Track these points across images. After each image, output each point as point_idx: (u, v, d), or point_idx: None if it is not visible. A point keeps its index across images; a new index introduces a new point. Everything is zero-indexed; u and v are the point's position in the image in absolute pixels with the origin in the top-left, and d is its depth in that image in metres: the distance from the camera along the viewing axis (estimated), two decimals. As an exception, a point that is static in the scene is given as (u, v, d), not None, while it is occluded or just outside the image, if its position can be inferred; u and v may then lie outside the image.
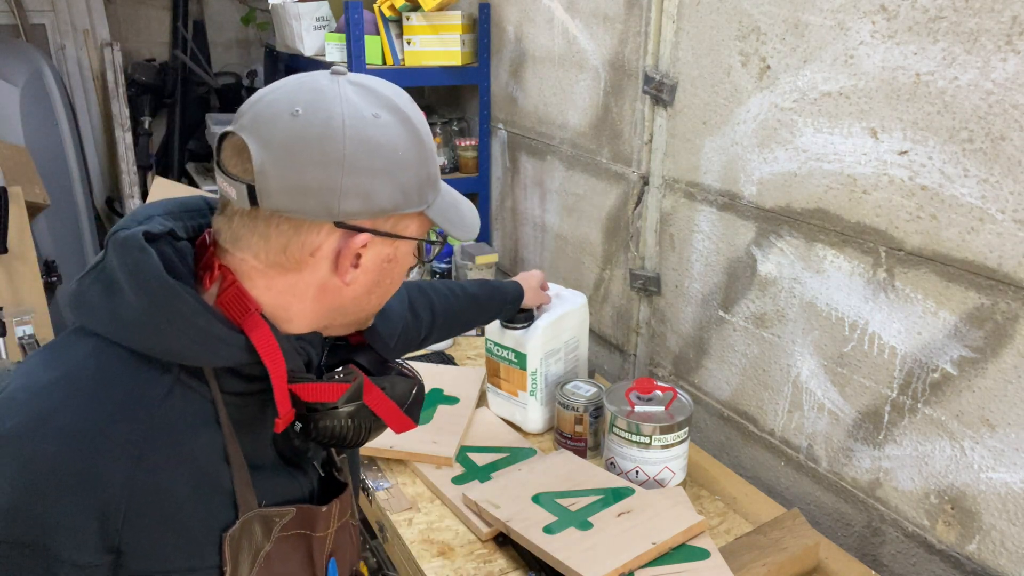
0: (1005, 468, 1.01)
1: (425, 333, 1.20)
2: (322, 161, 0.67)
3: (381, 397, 0.77)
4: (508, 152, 2.20)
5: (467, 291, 1.30)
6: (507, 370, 1.43)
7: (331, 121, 0.67)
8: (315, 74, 0.72)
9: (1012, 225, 0.96)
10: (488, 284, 1.36)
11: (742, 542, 1.13)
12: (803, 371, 1.29)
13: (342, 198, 0.68)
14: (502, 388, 1.45)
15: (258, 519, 0.72)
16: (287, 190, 0.67)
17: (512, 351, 1.41)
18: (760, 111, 1.28)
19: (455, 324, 1.27)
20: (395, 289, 0.80)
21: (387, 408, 0.77)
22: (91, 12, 3.66)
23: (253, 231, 0.70)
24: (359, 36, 2.02)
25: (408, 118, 0.72)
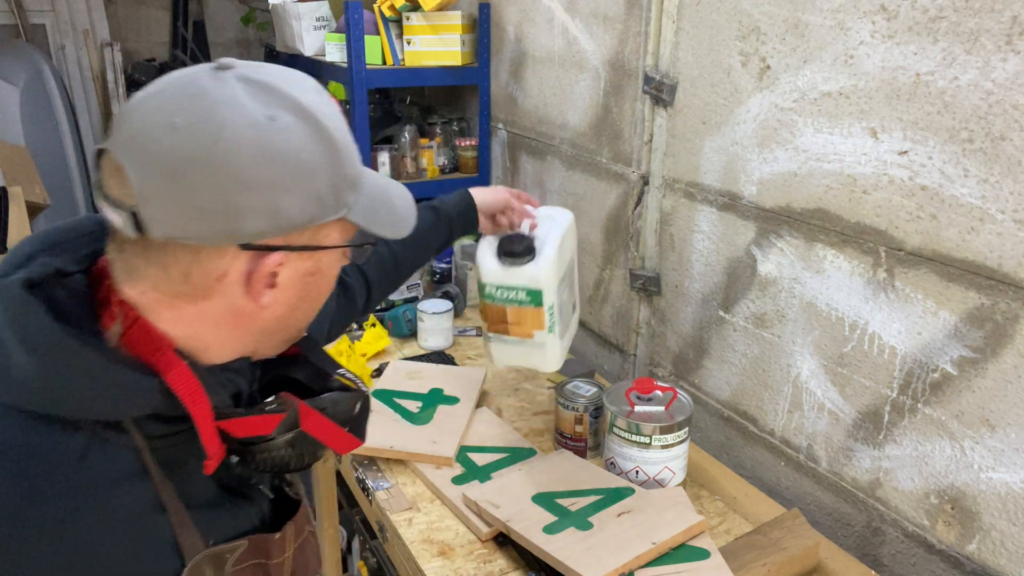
0: (1005, 468, 1.01)
1: (364, 298, 1.13)
2: (212, 180, 0.58)
3: (320, 421, 0.70)
4: (508, 152, 2.20)
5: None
6: (517, 312, 1.24)
7: (218, 132, 0.58)
8: (198, 71, 0.62)
9: (1012, 225, 0.96)
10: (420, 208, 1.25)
11: (742, 542, 1.13)
12: (803, 371, 1.29)
13: (244, 218, 0.60)
14: (511, 333, 1.27)
15: (207, 560, 0.67)
16: (176, 215, 0.58)
17: (523, 290, 1.22)
18: (760, 111, 1.28)
19: (399, 270, 1.19)
20: (325, 299, 0.74)
21: (328, 431, 0.71)
22: (91, 12, 3.67)
23: (148, 260, 0.62)
24: (359, 36, 2.02)
25: (312, 116, 0.63)
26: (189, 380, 0.63)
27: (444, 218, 1.22)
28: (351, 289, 1.10)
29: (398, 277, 1.20)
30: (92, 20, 3.68)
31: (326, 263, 0.70)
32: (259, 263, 0.64)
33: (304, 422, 0.69)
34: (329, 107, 0.66)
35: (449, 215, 1.22)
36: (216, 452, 0.65)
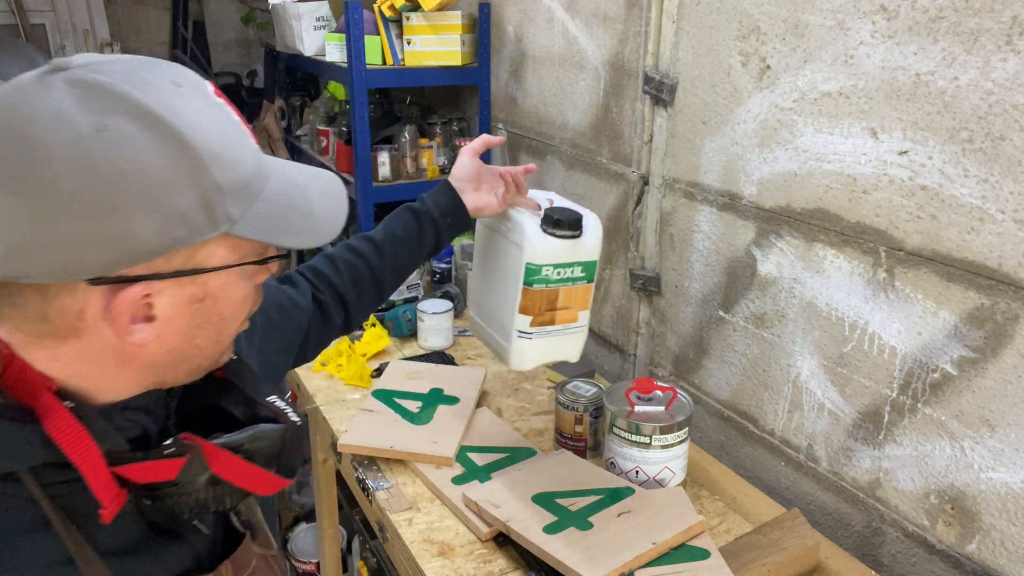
0: (1005, 468, 1.01)
1: (342, 316, 1.07)
2: (32, 212, 0.50)
3: (232, 462, 0.62)
4: (508, 152, 2.20)
5: (373, 240, 1.10)
6: (569, 293, 1.14)
7: (31, 151, 0.50)
8: (25, 79, 0.55)
9: (1012, 225, 0.96)
10: (398, 214, 1.13)
11: (742, 542, 1.13)
12: (803, 371, 1.29)
13: (82, 251, 0.52)
14: (557, 322, 1.15)
15: None
16: (4, 254, 0.51)
17: (579, 264, 1.14)
18: (760, 111, 1.28)
19: (379, 285, 1.10)
20: (239, 321, 0.66)
21: (243, 473, 0.63)
22: (91, 12, 3.67)
23: (2, 300, 0.56)
24: (359, 36, 2.02)
25: (159, 119, 0.53)
26: (71, 427, 0.57)
27: (426, 219, 1.13)
28: (326, 308, 1.05)
29: (380, 291, 1.12)
30: (92, 20, 3.68)
31: (218, 286, 0.61)
32: (115, 298, 0.55)
33: (213, 464, 0.62)
34: (193, 103, 0.56)
35: (431, 215, 1.13)
36: (111, 501, 0.59)
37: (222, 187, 0.56)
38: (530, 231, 1.11)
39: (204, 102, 0.58)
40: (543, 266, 1.11)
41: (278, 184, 0.63)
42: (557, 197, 1.26)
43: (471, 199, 1.16)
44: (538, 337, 1.17)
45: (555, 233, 1.11)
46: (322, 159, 2.55)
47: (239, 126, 0.61)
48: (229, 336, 0.66)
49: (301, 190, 0.65)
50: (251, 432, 0.65)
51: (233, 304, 0.64)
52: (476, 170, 1.17)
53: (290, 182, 0.64)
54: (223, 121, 0.59)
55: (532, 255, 1.10)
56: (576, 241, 1.12)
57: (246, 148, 0.60)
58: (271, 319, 0.98)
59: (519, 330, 1.14)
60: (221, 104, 0.60)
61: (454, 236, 1.17)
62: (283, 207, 0.62)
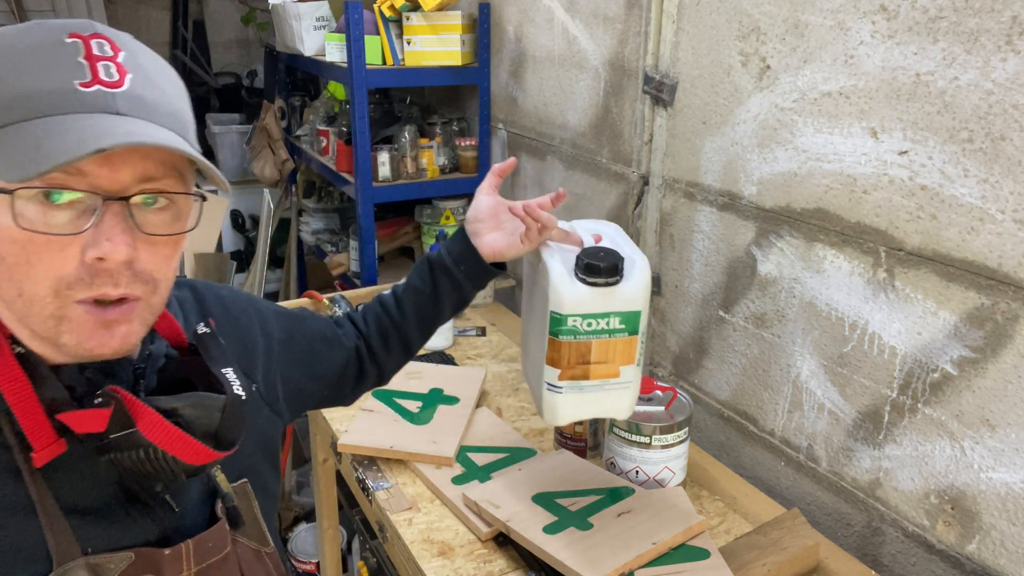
0: (1005, 468, 1.01)
1: (376, 369, 1.06)
2: None
3: (158, 424, 0.62)
4: (508, 152, 2.20)
5: (395, 293, 1.06)
6: (604, 346, 0.99)
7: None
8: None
9: (1012, 225, 0.96)
10: (419, 262, 1.06)
11: (742, 542, 1.13)
12: (803, 371, 1.29)
13: None
14: (591, 377, 1.00)
15: (84, 569, 0.64)
16: None
17: (618, 315, 0.98)
18: (760, 111, 1.28)
19: (406, 339, 1.05)
20: (24, 274, 0.60)
21: (168, 437, 0.62)
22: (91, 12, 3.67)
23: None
24: (359, 36, 2.02)
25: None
26: (11, 369, 0.61)
27: (438, 268, 1.02)
28: (363, 358, 1.05)
29: (407, 346, 1.07)
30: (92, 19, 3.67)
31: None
32: None
33: (139, 422, 0.62)
34: (17, 30, 0.60)
35: (443, 264, 1.02)
36: (44, 446, 0.61)
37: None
38: (555, 276, 0.96)
39: (35, 31, 0.60)
40: (569, 316, 0.96)
41: (60, 122, 0.58)
42: (609, 228, 1.08)
43: (487, 242, 1.01)
44: (570, 392, 1.01)
45: (586, 279, 0.95)
46: (322, 159, 2.55)
47: (64, 61, 0.59)
48: (34, 293, 0.60)
49: (79, 128, 0.58)
50: (190, 398, 0.65)
51: (7, 244, 0.59)
52: (492, 208, 1.03)
53: (80, 126, 0.58)
54: (32, 46, 0.59)
55: (557, 304, 0.96)
56: (612, 289, 0.96)
57: (36, 77, 0.58)
58: (314, 346, 0.99)
59: (548, 382, 1.00)
60: (64, 41, 0.59)
61: (478, 285, 1.04)
62: (32, 138, 0.57)
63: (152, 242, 0.63)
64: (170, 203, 0.65)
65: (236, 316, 0.90)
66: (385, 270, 2.54)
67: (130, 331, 0.64)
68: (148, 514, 0.70)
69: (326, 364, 1.01)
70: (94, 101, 0.59)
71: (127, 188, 0.61)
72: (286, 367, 0.94)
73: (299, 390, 0.97)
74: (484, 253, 1.01)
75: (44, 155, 0.55)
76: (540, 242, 1.02)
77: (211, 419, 0.65)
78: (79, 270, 0.60)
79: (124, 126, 0.59)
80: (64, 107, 0.58)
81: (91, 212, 0.59)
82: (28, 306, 0.61)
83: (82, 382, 0.65)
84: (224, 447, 0.66)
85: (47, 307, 0.61)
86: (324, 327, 1.03)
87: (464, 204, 2.42)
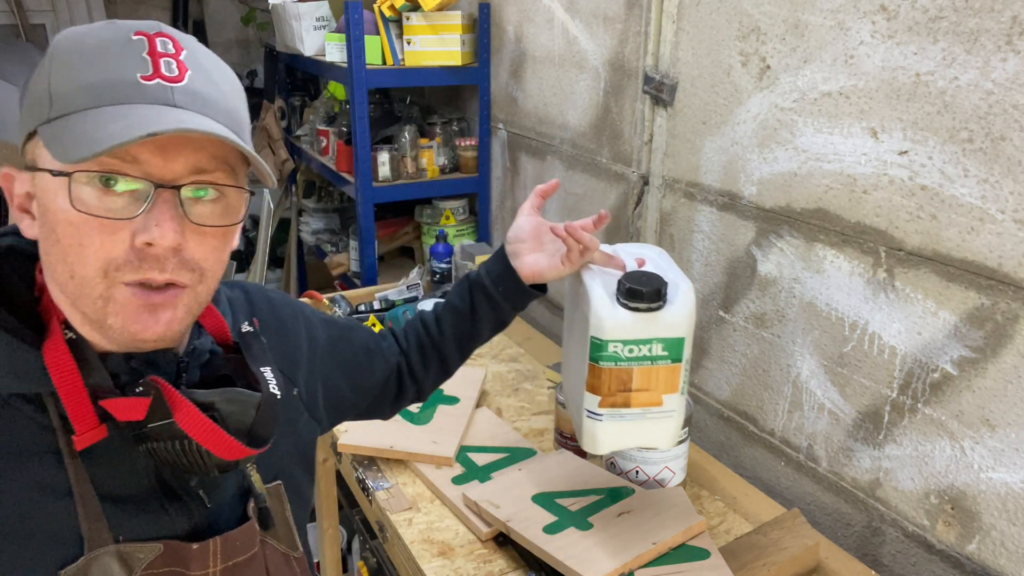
0: (1005, 468, 1.01)
1: (415, 387, 1.06)
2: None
3: (194, 416, 0.63)
4: (508, 152, 2.20)
5: (435, 310, 1.06)
6: (647, 374, 0.97)
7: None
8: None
9: (1012, 225, 0.96)
10: (459, 281, 1.05)
11: (742, 542, 1.13)
12: (803, 371, 1.29)
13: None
14: (633, 405, 0.97)
15: (114, 556, 0.65)
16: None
17: (661, 341, 0.95)
18: (760, 111, 1.28)
19: (444, 357, 1.05)
20: (76, 255, 0.62)
21: (203, 429, 0.63)
22: (91, 12, 3.67)
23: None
24: (359, 36, 2.02)
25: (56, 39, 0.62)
26: (61, 353, 0.63)
27: (477, 288, 1.01)
28: (403, 374, 1.04)
29: (445, 365, 1.06)
30: (92, 20, 3.68)
31: (45, 192, 0.62)
32: (7, 176, 0.66)
33: (176, 413, 0.63)
34: (96, 26, 0.64)
35: (482, 284, 1.00)
36: (86, 430, 0.63)
37: (51, 85, 0.61)
38: (596, 300, 0.94)
39: (106, 27, 0.64)
40: (609, 342, 0.94)
41: (122, 111, 0.60)
42: (654, 252, 1.06)
43: (527, 263, 0.99)
44: (610, 420, 0.98)
45: (628, 304, 0.93)
46: (322, 159, 2.55)
47: (129, 55, 0.62)
48: (84, 275, 0.62)
49: (138, 115, 0.60)
50: (227, 393, 0.66)
51: (62, 226, 0.61)
52: (534, 228, 1.00)
53: (139, 115, 0.60)
54: (104, 41, 0.62)
55: (597, 329, 0.93)
56: (655, 314, 0.94)
57: (103, 68, 0.61)
58: (358, 357, 0.99)
59: (588, 409, 0.98)
60: (131, 37, 0.63)
61: (518, 306, 1.02)
62: (94, 125, 0.60)
63: (201, 232, 0.65)
64: (220, 196, 0.66)
65: (283, 319, 0.90)
66: (385, 270, 2.54)
67: (174, 318, 0.65)
68: (181, 507, 0.71)
69: (368, 376, 1.00)
70: (153, 93, 0.62)
71: (179, 178, 0.63)
72: (329, 375, 0.94)
73: (340, 399, 0.96)
74: (524, 274, 0.98)
75: (98, 139, 0.58)
76: (582, 264, 1.00)
77: (246, 415, 0.66)
78: (128, 253, 0.62)
79: (178, 116, 0.61)
80: (125, 98, 0.61)
81: (144, 199, 0.62)
82: (79, 287, 0.63)
83: (127, 371, 0.66)
84: (256, 444, 0.67)
85: (96, 288, 0.62)
86: (369, 339, 1.03)
87: (464, 204, 2.42)
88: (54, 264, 0.63)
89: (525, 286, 0.99)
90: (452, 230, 2.34)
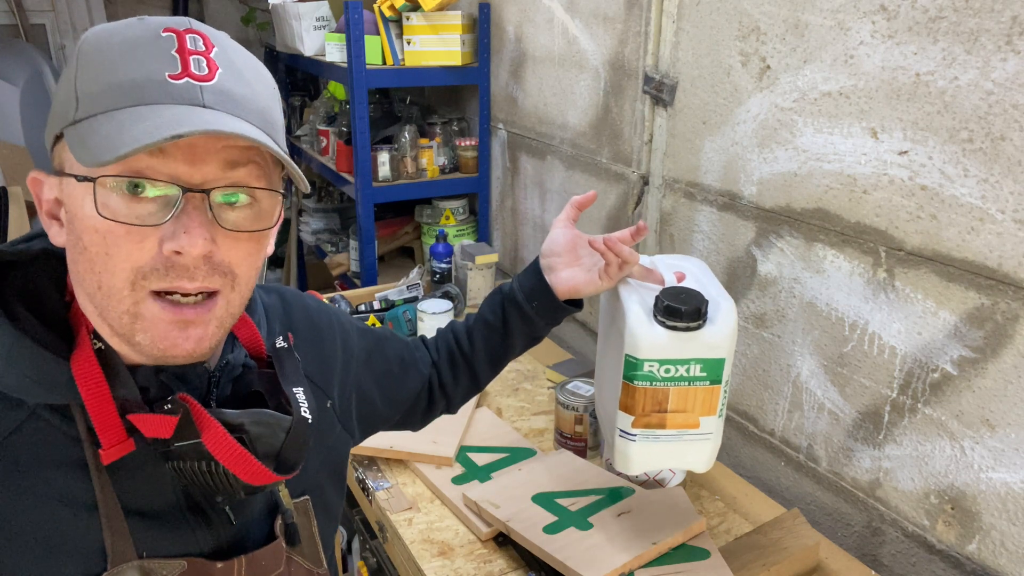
0: (1005, 468, 1.01)
1: (445, 400, 1.04)
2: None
3: (221, 438, 0.61)
4: (508, 152, 2.20)
5: (467, 323, 1.04)
6: (684, 395, 0.93)
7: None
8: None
9: (1012, 225, 0.96)
10: (492, 294, 1.02)
11: (742, 542, 1.13)
12: (803, 371, 1.29)
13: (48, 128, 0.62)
14: (668, 426, 0.94)
15: (137, 571, 0.64)
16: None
17: (699, 362, 0.91)
18: (760, 111, 1.28)
19: (475, 371, 1.03)
20: (104, 264, 0.59)
21: (229, 452, 0.61)
22: (91, 12, 3.67)
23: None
24: (359, 36, 2.02)
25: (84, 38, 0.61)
26: (89, 364, 0.61)
27: (509, 303, 0.98)
28: (434, 387, 1.03)
29: (475, 379, 1.04)
30: (92, 20, 3.68)
31: (73, 198, 0.60)
32: (35, 181, 0.64)
33: (204, 433, 0.61)
34: (125, 23, 0.61)
35: (515, 299, 0.97)
36: (113, 443, 0.61)
37: (77, 86, 0.59)
38: (632, 317, 0.90)
39: (134, 25, 0.61)
40: (645, 361, 0.90)
41: (149, 111, 0.58)
42: (694, 265, 1.02)
43: (563, 278, 0.95)
44: (644, 440, 0.95)
45: (665, 322, 0.89)
46: (322, 159, 2.55)
47: (158, 53, 0.59)
48: (111, 285, 0.60)
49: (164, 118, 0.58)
50: (257, 415, 0.64)
51: (88, 234, 0.59)
52: (570, 242, 0.96)
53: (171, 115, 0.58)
54: (132, 40, 0.60)
55: (633, 347, 0.90)
56: (694, 334, 0.89)
57: (133, 66, 0.59)
58: (392, 368, 0.97)
59: (621, 429, 0.95)
60: (159, 34, 0.60)
61: (551, 322, 0.99)
62: (121, 126, 0.57)
63: (234, 236, 0.63)
64: (252, 200, 0.64)
65: (320, 328, 0.88)
66: (385, 270, 2.54)
67: (204, 335, 0.63)
68: (206, 524, 0.69)
69: (401, 388, 0.98)
70: (181, 92, 0.59)
71: (208, 182, 0.60)
72: (363, 386, 0.93)
73: (372, 411, 0.95)
74: (559, 290, 0.95)
75: (121, 142, 0.55)
76: (620, 279, 0.96)
77: (275, 439, 0.64)
78: (155, 261, 0.60)
79: (206, 116, 0.58)
80: (152, 97, 0.58)
81: (172, 205, 0.59)
82: (107, 299, 0.60)
83: (156, 384, 0.64)
84: (284, 470, 0.64)
85: (124, 301, 0.60)
86: (404, 351, 1.00)
87: (464, 204, 2.42)
88: (82, 274, 0.61)
89: (560, 302, 0.95)
90: (452, 230, 2.34)
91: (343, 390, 0.89)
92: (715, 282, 0.97)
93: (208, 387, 0.68)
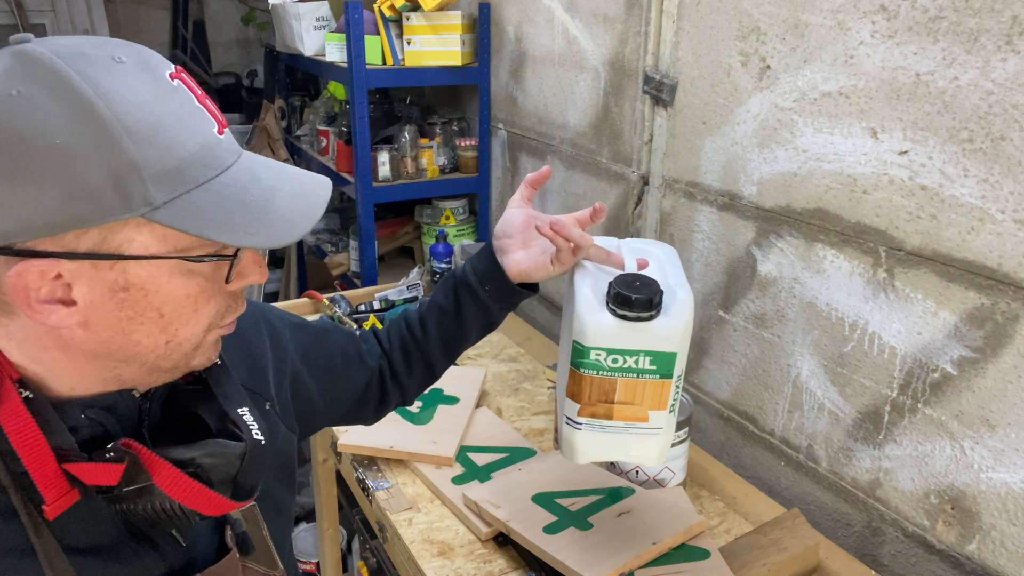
0: (1005, 468, 1.01)
1: (399, 392, 1.00)
2: None
3: (175, 477, 0.59)
4: (508, 152, 2.20)
5: (419, 310, 0.99)
6: (631, 387, 0.88)
7: None
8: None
9: (1012, 225, 0.96)
10: (445, 278, 0.96)
11: (742, 542, 1.13)
12: (803, 371, 1.29)
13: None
14: (615, 418, 0.90)
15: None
16: None
17: (648, 354, 0.86)
18: (760, 111, 1.28)
19: (428, 359, 0.98)
20: (195, 322, 0.61)
21: (187, 491, 0.59)
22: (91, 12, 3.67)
23: None
24: (359, 36, 2.02)
25: (76, 91, 0.51)
26: (19, 416, 0.57)
27: (462, 287, 0.93)
28: (384, 378, 0.99)
29: (430, 367, 1.00)
30: (92, 20, 3.67)
31: (145, 277, 0.57)
32: (20, 272, 0.53)
33: (155, 476, 0.58)
34: (127, 79, 0.54)
35: (467, 282, 0.92)
36: (56, 498, 0.58)
37: (139, 166, 0.53)
38: (582, 302, 0.86)
39: (145, 79, 0.55)
40: (592, 349, 0.85)
41: (234, 177, 0.58)
42: (662, 251, 0.96)
43: (514, 261, 0.89)
44: (590, 430, 0.91)
45: (616, 310, 0.84)
46: (322, 159, 2.55)
47: (194, 111, 0.57)
48: (186, 336, 0.61)
49: (264, 187, 0.59)
50: (207, 447, 0.62)
51: (174, 301, 0.59)
52: (524, 222, 0.89)
53: (254, 178, 0.59)
54: (166, 101, 0.55)
55: (580, 334, 0.85)
56: (645, 324, 0.84)
57: (190, 133, 0.56)
58: (334, 363, 0.94)
59: (567, 416, 0.91)
60: (173, 86, 0.56)
61: (507, 306, 0.93)
62: (229, 200, 0.56)
63: None
64: None
65: (243, 329, 0.84)
66: (385, 270, 2.54)
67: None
68: (154, 550, 0.67)
69: (345, 383, 0.95)
70: (229, 146, 0.60)
71: None
72: (300, 382, 0.90)
73: (312, 410, 0.92)
74: (511, 273, 0.89)
75: (280, 227, 0.58)
76: (574, 263, 0.90)
77: (230, 466, 0.62)
78: (226, 300, 0.62)
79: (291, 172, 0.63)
80: (220, 161, 0.58)
81: None
82: (173, 348, 0.61)
83: (86, 424, 0.61)
84: (243, 496, 0.63)
85: (192, 342, 0.62)
86: (347, 344, 0.97)
87: (464, 204, 2.42)
88: (138, 339, 0.59)
89: (513, 286, 0.90)
90: (452, 230, 2.34)
91: (279, 389, 0.86)
92: (679, 272, 0.92)
93: (140, 415, 0.66)
